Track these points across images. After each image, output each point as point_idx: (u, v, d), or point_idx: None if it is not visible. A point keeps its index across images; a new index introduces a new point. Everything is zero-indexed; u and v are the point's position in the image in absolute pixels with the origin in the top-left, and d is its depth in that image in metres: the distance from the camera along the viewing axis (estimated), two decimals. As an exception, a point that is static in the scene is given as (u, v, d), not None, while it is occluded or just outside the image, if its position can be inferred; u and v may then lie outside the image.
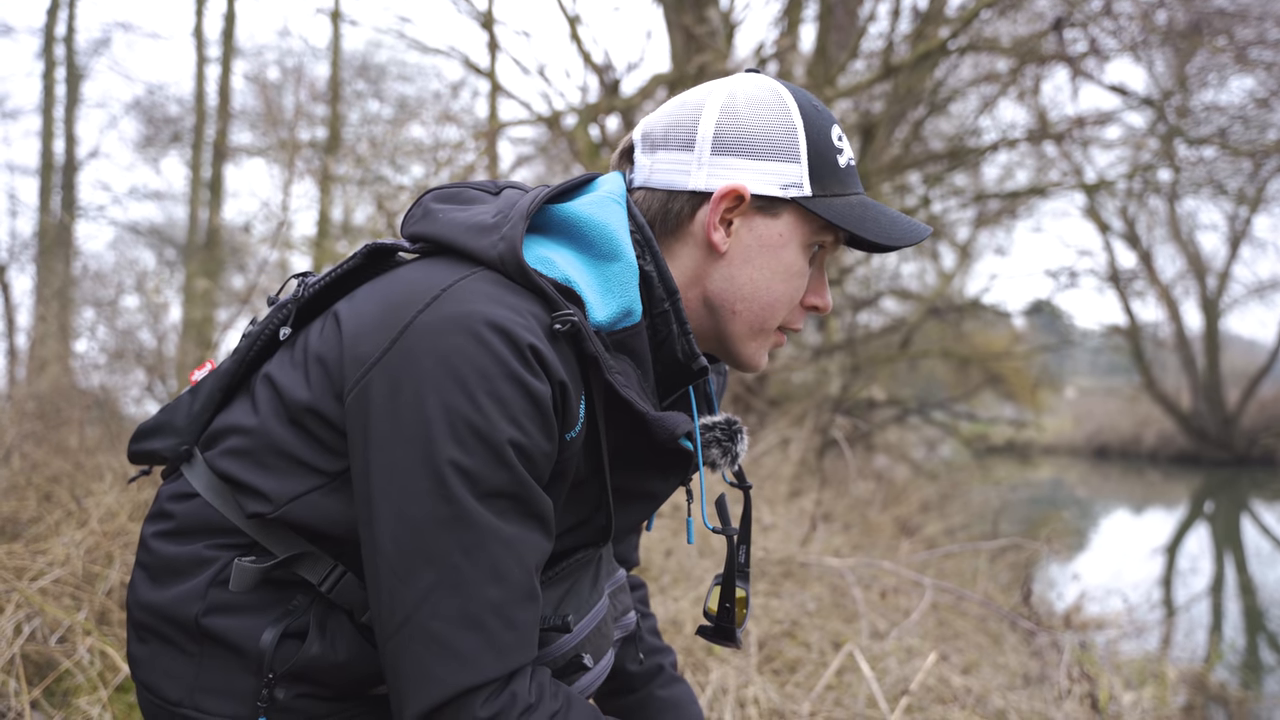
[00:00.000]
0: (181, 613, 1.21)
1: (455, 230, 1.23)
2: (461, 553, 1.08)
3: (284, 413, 1.20)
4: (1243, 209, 20.09)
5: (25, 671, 2.61)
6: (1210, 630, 7.60)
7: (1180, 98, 10.12)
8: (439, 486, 1.07)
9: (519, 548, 1.11)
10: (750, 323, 1.30)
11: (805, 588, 4.51)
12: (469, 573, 1.08)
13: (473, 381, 1.07)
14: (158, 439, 1.29)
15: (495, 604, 1.08)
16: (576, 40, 8.89)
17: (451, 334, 1.09)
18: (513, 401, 1.08)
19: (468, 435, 1.07)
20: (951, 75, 10.06)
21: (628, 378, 1.21)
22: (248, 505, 1.20)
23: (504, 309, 1.11)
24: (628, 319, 1.21)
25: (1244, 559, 11.38)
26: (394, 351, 1.12)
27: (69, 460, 4.36)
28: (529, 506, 1.12)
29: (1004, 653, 4.41)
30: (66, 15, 13.26)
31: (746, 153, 1.25)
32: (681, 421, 1.23)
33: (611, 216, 1.24)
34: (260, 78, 13.36)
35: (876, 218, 1.29)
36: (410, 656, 1.08)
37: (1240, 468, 21.62)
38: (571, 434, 1.17)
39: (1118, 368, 31.29)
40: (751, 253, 1.28)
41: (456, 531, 1.07)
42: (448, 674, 1.06)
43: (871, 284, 13.21)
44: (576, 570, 1.34)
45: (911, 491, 9.55)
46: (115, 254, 14.02)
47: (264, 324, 1.29)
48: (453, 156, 9.76)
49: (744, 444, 1.38)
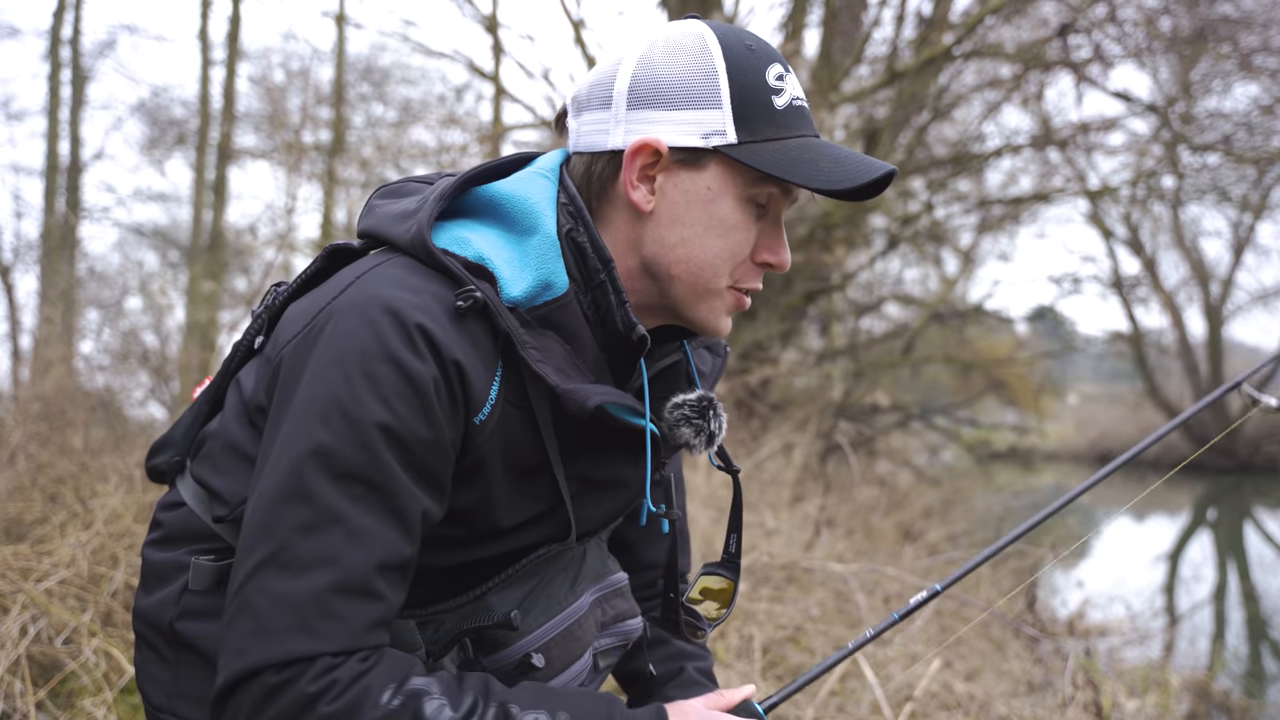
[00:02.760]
0: (161, 618, 1.22)
1: (383, 221, 1.23)
2: (298, 530, 1.03)
3: (242, 414, 1.21)
4: (1246, 216, 20.10)
5: (31, 673, 2.61)
6: (1213, 638, 7.59)
7: (1184, 104, 10.13)
8: (295, 461, 1.05)
9: (364, 539, 1.05)
10: (691, 285, 1.21)
11: (809, 593, 4.50)
12: (300, 553, 1.03)
13: (351, 361, 1.05)
14: (161, 455, 1.31)
15: (317, 591, 1.02)
16: (581, 44, 8.92)
17: (347, 317, 1.08)
18: (385, 382, 1.05)
19: (333, 413, 1.04)
20: (955, 81, 10.06)
21: (547, 353, 1.14)
22: (213, 509, 1.21)
23: (402, 290, 1.09)
24: (548, 292, 1.15)
25: (1247, 566, 11.37)
26: (300, 337, 1.13)
27: (74, 462, 4.36)
28: (389, 500, 1.06)
29: (1007, 659, 4.40)
30: (72, 17, 13.26)
31: (663, 104, 1.17)
32: (595, 393, 1.14)
33: (533, 190, 1.20)
34: (265, 80, 13.36)
35: (815, 160, 1.16)
36: (232, 627, 1.04)
37: (1243, 475, 21.55)
38: (480, 416, 1.12)
39: (1120, 374, 31.24)
40: (679, 210, 1.18)
41: (297, 507, 1.04)
42: (252, 647, 1.02)
43: (874, 289, 13.22)
44: (541, 568, 1.28)
45: (914, 497, 9.54)
46: (120, 256, 14.03)
47: (244, 335, 1.31)
48: (457, 160, 9.78)
49: (720, 422, 1.28)
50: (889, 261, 13.42)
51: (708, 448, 1.27)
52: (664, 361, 1.34)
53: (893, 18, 9.78)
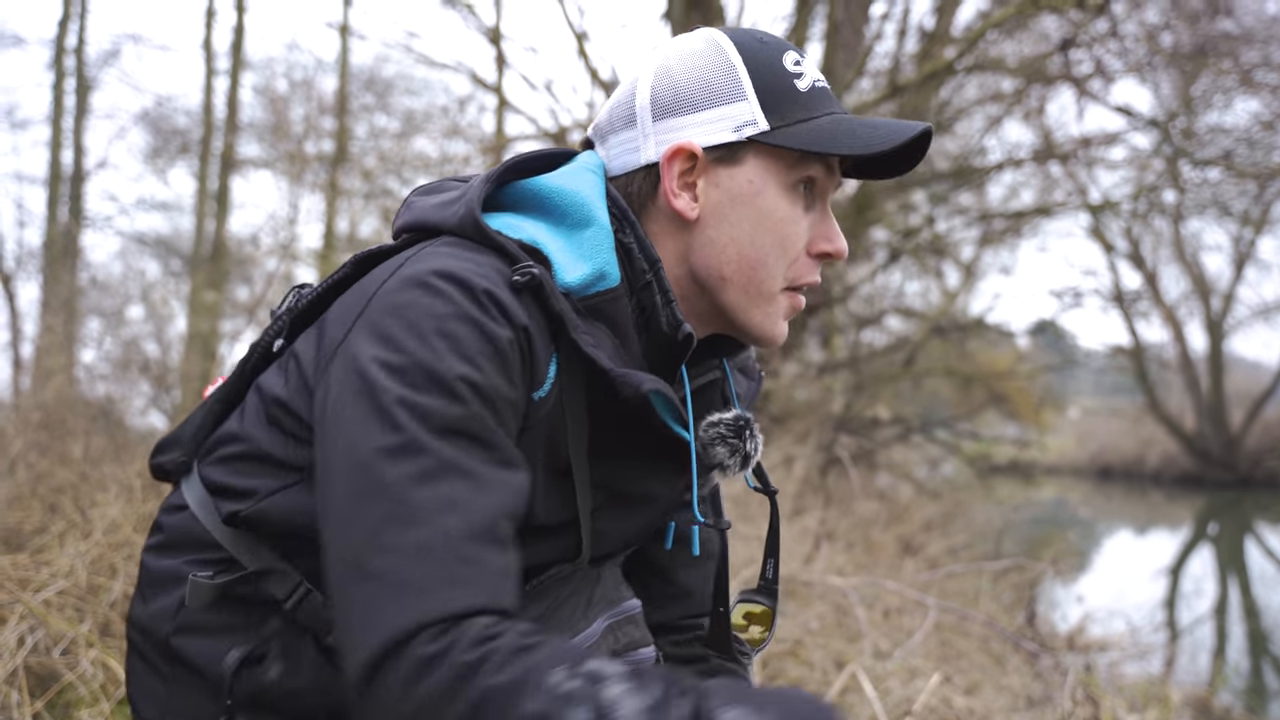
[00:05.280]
0: (157, 630, 1.19)
1: (425, 212, 1.21)
2: (413, 481, 0.95)
3: (264, 414, 1.17)
4: (1247, 230, 20.11)
5: (28, 683, 2.60)
6: (1214, 653, 7.57)
7: (1185, 119, 10.15)
8: (389, 421, 0.97)
9: (484, 484, 0.98)
10: (745, 288, 1.17)
11: (808, 607, 4.49)
12: (421, 501, 0.94)
13: (423, 324, 1.00)
14: (167, 453, 1.28)
15: (451, 535, 0.94)
16: (584, 56, 8.94)
17: (407, 291, 1.04)
18: (466, 340, 1.00)
19: (416, 373, 0.99)
20: (957, 95, 10.10)
21: (598, 340, 1.10)
22: (224, 507, 1.16)
23: (462, 261, 1.06)
24: (601, 282, 1.12)
25: (1248, 581, 11.33)
26: (356, 325, 1.07)
27: (73, 471, 4.36)
28: (494, 451, 1.00)
29: (1007, 674, 4.39)
30: (77, 27, 13.34)
31: (688, 107, 1.16)
32: (649, 379, 1.08)
33: (584, 184, 1.17)
34: (269, 90, 13.42)
35: (852, 130, 1.15)
36: (358, 599, 0.93)
37: (1244, 490, 21.52)
38: (540, 393, 1.07)
39: (1121, 388, 31.24)
40: (725, 209, 1.16)
41: (407, 462, 0.96)
42: (395, 610, 0.91)
43: (876, 302, 13.22)
44: (555, 588, 1.20)
45: (914, 510, 9.52)
46: (122, 265, 14.06)
47: (261, 337, 1.28)
48: (459, 170, 9.80)
49: (756, 443, 1.24)
50: (890, 274, 13.44)
51: (743, 469, 1.24)
52: (702, 379, 1.30)
53: (895, 31, 9.82)
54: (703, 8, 8.05)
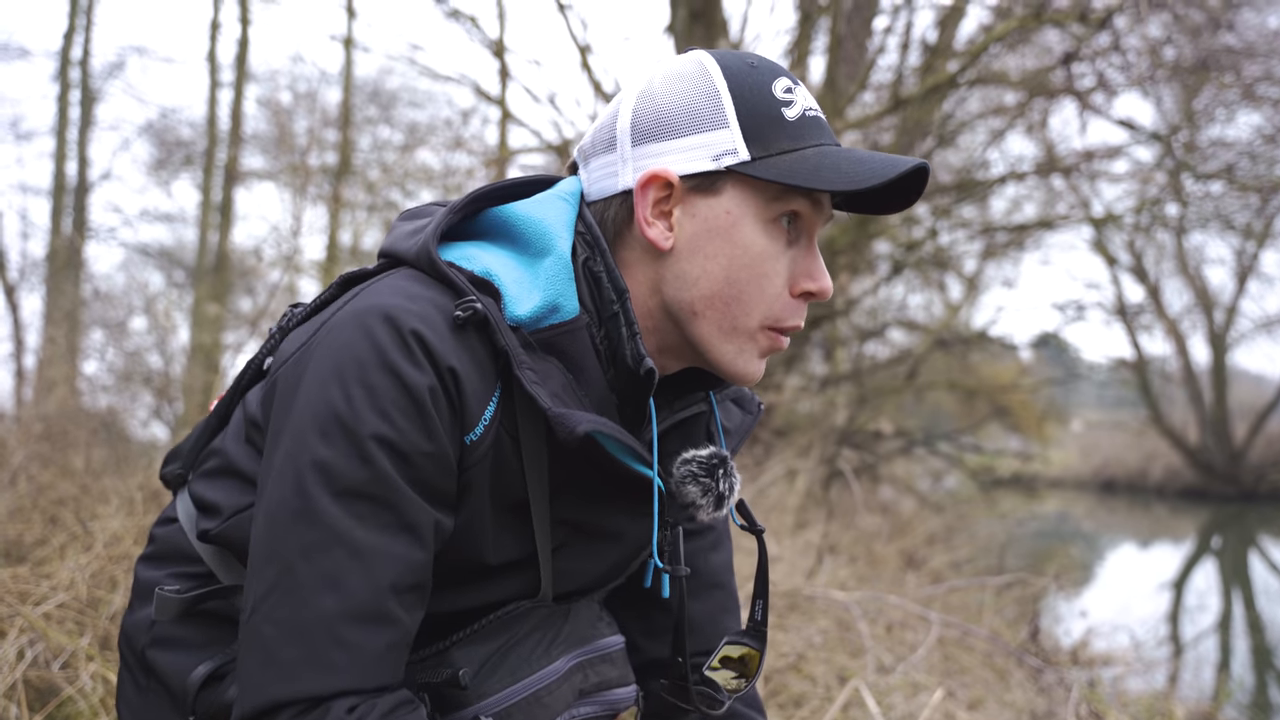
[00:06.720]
0: (135, 642, 1.20)
1: (396, 239, 1.20)
2: (300, 554, 0.99)
3: (243, 431, 1.19)
4: (1250, 243, 20.07)
5: (27, 697, 2.60)
6: (1218, 668, 7.53)
7: (1188, 133, 10.16)
8: (297, 479, 1.00)
9: (370, 559, 0.99)
10: (717, 322, 1.13)
11: (811, 621, 4.48)
12: (304, 577, 0.98)
13: (348, 371, 1.01)
14: (170, 465, 1.30)
15: (325, 617, 0.97)
16: (587, 69, 8.95)
17: (344, 328, 1.05)
18: (382, 392, 1.00)
19: (332, 427, 1.00)
20: (960, 108, 10.10)
21: (545, 377, 1.07)
22: (200, 523, 1.17)
23: (400, 298, 1.05)
24: (555, 315, 1.09)
25: (1252, 595, 11.29)
26: (299, 353, 1.09)
27: (75, 483, 4.36)
28: (396, 514, 1.01)
29: (1010, 689, 4.37)
30: (82, 39, 13.34)
31: (667, 133, 1.11)
32: (586, 420, 1.05)
33: (549, 213, 1.14)
34: (272, 103, 13.45)
35: (836, 163, 1.08)
36: (244, 658, 1.00)
37: (1247, 503, 21.46)
38: (472, 435, 1.06)
39: (1124, 401, 31.15)
40: (700, 241, 1.11)
41: (301, 529, 0.99)
42: (265, 682, 0.97)
43: (878, 315, 13.22)
44: (512, 624, 1.17)
45: (917, 524, 9.50)
46: (125, 276, 14.07)
47: (256, 354, 1.29)
48: (463, 183, 9.82)
49: (731, 483, 1.19)
50: (893, 287, 13.44)
51: (715, 510, 1.19)
52: (685, 412, 1.26)
53: (898, 45, 9.84)
54: (706, 21, 8.07)
